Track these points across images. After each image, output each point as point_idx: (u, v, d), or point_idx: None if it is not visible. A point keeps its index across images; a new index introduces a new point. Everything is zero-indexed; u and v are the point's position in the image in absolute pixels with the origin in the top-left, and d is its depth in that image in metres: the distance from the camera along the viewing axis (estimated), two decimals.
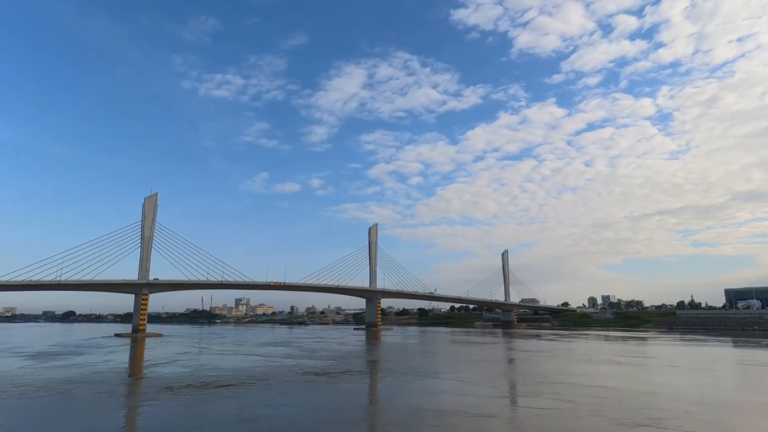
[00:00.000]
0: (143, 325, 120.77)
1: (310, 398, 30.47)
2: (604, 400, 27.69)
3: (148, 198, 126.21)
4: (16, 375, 40.87)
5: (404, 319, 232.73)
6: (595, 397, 28.71)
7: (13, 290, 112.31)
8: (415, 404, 27.38)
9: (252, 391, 33.06)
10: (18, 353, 64.49)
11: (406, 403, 27.91)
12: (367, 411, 26.99)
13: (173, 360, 55.93)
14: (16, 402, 28.28)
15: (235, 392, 32.20)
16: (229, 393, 31.90)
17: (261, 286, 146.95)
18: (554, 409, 25.23)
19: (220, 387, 34.53)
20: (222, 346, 79.93)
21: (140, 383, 37.25)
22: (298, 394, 31.78)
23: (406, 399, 29.33)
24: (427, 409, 25.92)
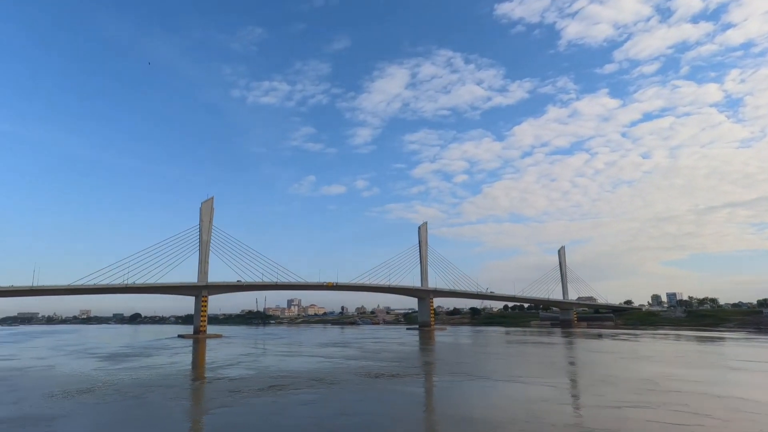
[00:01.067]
0: (204, 326, 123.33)
1: (388, 405, 28.10)
2: (760, 417, 23.57)
3: (205, 202, 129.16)
4: (92, 377, 41.07)
5: (456, 319, 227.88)
6: (742, 412, 24.52)
7: (87, 294, 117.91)
8: (520, 415, 24.38)
9: (324, 395, 31.09)
10: (94, 354, 66.34)
11: (511, 414, 24.96)
12: (469, 425, 24.25)
13: (237, 362, 55.40)
14: (94, 407, 27.58)
15: (307, 397, 30.35)
16: (300, 398, 30.07)
17: (314, 287, 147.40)
18: (698, 426, 21.48)
19: (290, 390, 32.85)
20: (281, 347, 79.50)
21: (209, 387, 36.22)
22: (374, 401, 29.51)
23: (507, 408, 26.37)
24: (544, 422, 22.85)
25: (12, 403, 28.84)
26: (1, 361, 57.99)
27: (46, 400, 29.73)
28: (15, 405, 28.03)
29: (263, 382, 37.51)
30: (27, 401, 29.31)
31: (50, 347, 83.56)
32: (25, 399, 30.01)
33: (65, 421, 23.87)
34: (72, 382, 38.01)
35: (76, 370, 46.24)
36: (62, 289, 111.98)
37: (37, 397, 30.60)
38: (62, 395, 31.41)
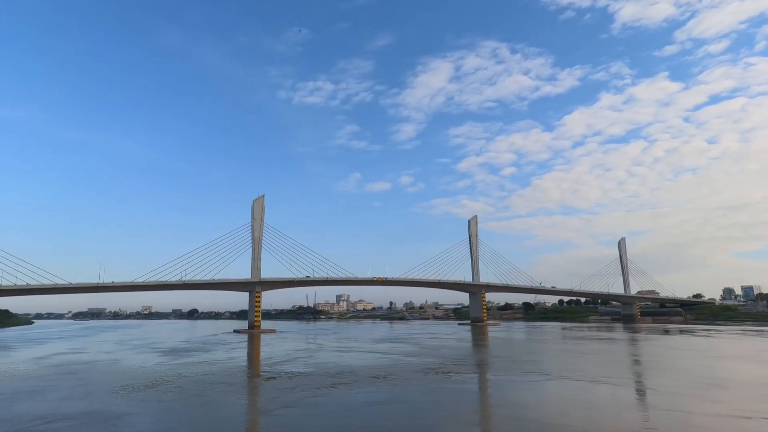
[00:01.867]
0: (258, 321, 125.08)
1: (460, 406, 25.41)
2: None
3: (256, 200, 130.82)
4: (154, 372, 40.85)
5: (508, 314, 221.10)
6: None
7: (147, 290, 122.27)
8: (629, 425, 21.07)
9: (390, 395, 28.76)
10: (155, 349, 67.57)
11: (621, 421, 21.69)
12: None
13: (293, 358, 54.36)
14: (157, 405, 26.59)
15: (373, 396, 28.14)
16: (366, 397, 27.89)
17: (364, 282, 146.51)
18: None
19: (353, 388, 30.80)
20: (336, 343, 78.35)
21: (269, 385, 34.80)
22: (445, 403, 26.87)
23: (608, 414, 23.06)
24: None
25: (80, 398, 28.39)
26: (72, 354, 59.84)
27: (112, 395, 29.14)
28: (82, 400, 27.51)
29: (324, 380, 35.76)
30: (94, 396, 28.81)
31: (115, 341, 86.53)
32: (92, 394, 29.57)
33: (130, 420, 22.79)
34: (136, 377, 37.76)
35: (140, 365, 46.46)
36: (125, 286, 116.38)
37: (103, 393, 30.13)
38: (127, 391, 30.82)
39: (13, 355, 58.89)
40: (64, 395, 29.17)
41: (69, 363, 48.78)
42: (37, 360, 52.36)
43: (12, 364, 49.04)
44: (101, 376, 38.12)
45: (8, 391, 31.33)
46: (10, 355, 59.77)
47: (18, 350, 67.32)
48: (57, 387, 32.45)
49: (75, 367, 44.42)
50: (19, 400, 27.54)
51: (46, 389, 31.36)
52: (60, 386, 32.80)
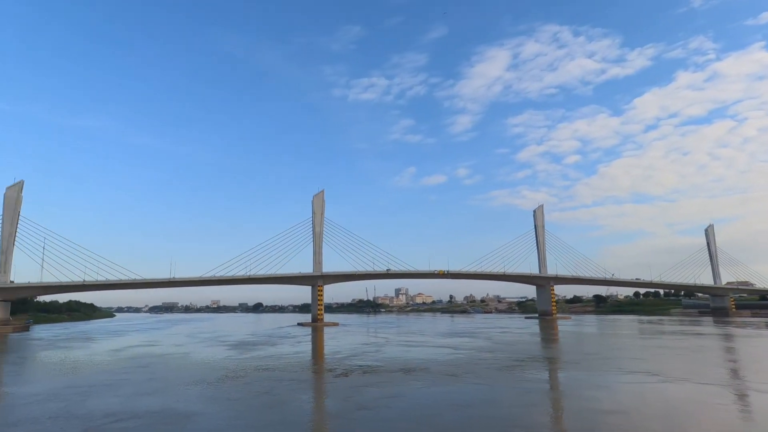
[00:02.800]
0: (321, 314, 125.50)
1: (566, 414, 21.58)
2: None
3: (316, 195, 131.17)
4: (223, 367, 40.02)
5: (577, 307, 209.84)
6: None
7: (215, 285, 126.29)
8: None
9: (476, 396, 25.43)
10: (223, 342, 68.17)
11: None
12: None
13: (361, 352, 52.29)
14: (226, 404, 24.90)
15: (456, 397, 24.92)
16: (449, 397, 24.72)
17: (425, 275, 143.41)
18: None
19: (432, 387, 27.70)
20: (401, 336, 75.80)
21: (341, 382, 32.55)
22: (545, 408, 23.17)
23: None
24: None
25: (150, 393, 27.39)
26: (145, 346, 61.32)
27: (182, 392, 27.94)
28: (153, 396, 26.40)
29: (398, 377, 33.06)
30: (164, 392, 27.72)
31: (186, 334, 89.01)
32: (162, 390, 28.53)
33: (199, 421, 21.11)
34: (205, 372, 36.92)
35: (209, 359, 46.09)
36: (194, 280, 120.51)
37: (173, 388, 29.07)
38: (196, 387, 29.63)
39: (94, 347, 61.21)
40: (135, 390, 28.32)
41: (142, 356, 49.41)
42: (113, 352, 53.74)
43: (92, 355, 50.48)
44: (172, 371, 37.62)
45: (85, 383, 31.11)
46: (91, 346, 62.20)
47: (99, 342, 70.32)
48: (129, 381, 31.93)
49: (148, 360, 44.65)
50: (92, 394, 26.89)
51: (119, 383, 30.83)
52: (132, 380, 32.28)
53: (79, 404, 24.45)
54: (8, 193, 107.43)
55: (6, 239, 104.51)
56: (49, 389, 28.82)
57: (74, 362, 44.34)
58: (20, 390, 28.80)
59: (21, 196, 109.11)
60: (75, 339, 76.72)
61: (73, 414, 22.26)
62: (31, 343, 69.53)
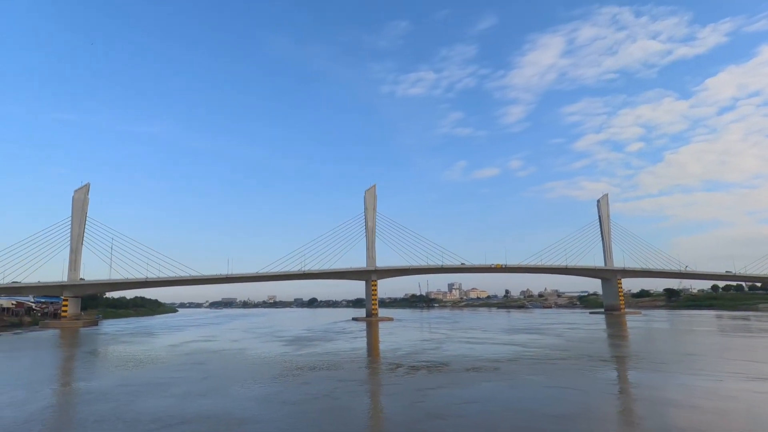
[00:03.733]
0: (375, 309, 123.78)
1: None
2: None
3: (368, 190, 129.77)
4: (279, 365, 37.86)
5: (646, 302, 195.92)
6: None
7: (270, 280, 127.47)
8: None
9: (571, 404, 21.30)
10: (279, 337, 66.96)
11: None
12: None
13: (421, 348, 48.94)
14: (282, 408, 22.20)
15: (545, 406, 20.92)
16: (536, 405, 20.75)
17: (481, 269, 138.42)
18: None
19: (509, 388, 23.81)
20: (461, 332, 71.68)
21: (405, 382, 29.20)
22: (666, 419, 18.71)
23: None
24: None
25: (202, 394, 25.27)
26: (203, 341, 60.94)
27: (236, 393, 25.66)
28: (205, 398, 24.22)
29: (469, 378, 29.32)
30: (217, 393, 25.52)
31: (243, 329, 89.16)
32: (215, 391, 26.38)
33: (252, 428, 18.45)
34: (261, 370, 34.86)
35: (265, 355, 44.27)
36: (250, 276, 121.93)
37: (227, 389, 26.87)
38: (252, 387, 27.35)
39: (153, 342, 61.53)
40: (187, 390, 26.34)
41: (199, 351, 48.47)
42: (171, 347, 53.36)
43: (150, 350, 50.19)
44: (227, 368, 35.80)
45: (138, 381, 29.64)
46: (151, 341, 62.61)
47: (159, 337, 71.11)
48: (182, 379, 30.19)
49: (203, 357, 43.40)
50: (143, 395, 25.11)
51: (172, 382, 29.09)
52: (186, 378, 30.54)
53: (128, 405, 22.60)
54: (76, 195, 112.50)
55: (75, 239, 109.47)
56: (101, 387, 27.46)
57: (131, 358, 43.84)
58: (72, 388, 27.62)
59: (87, 198, 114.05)
60: (137, 334, 78.36)
61: (120, 417, 20.30)
62: (97, 337, 71.37)
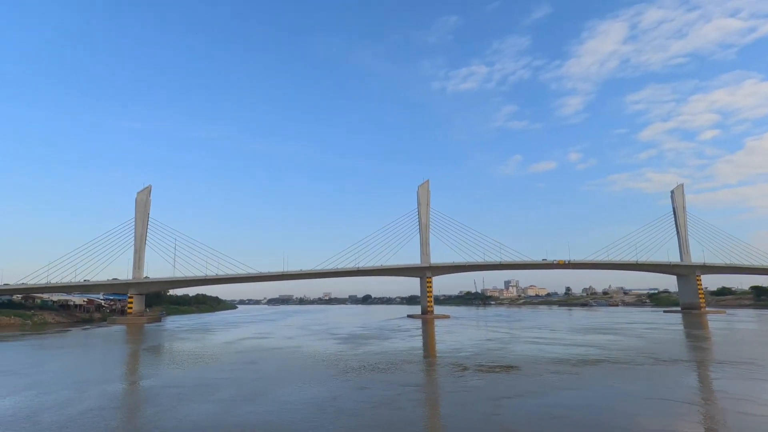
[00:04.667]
0: (431, 306, 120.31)
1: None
2: None
3: (421, 186, 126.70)
4: (335, 365, 35.28)
5: (729, 300, 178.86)
6: None
7: (325, 277, 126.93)
8: None
9: (684, 420, 16.95)
10: (334, 335, 65.04)
11: None
12: None
13: (485, 349, 45.00)
14: (339, 418, 19.25)
15: (657, 424, 16.73)
16: (646, 423, 16.61)
17: (542, 266, 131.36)
18: None
19: (599, 397, 19.61)
20: (526, 332, 66.66)
21: (476, 388, 25.59)
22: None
23: None
24: None
25: (250, 398, 22.97)
26: (257, 339, 60.00)
27: (287, 398, 23.18)
28: (252, 403, 21.86)
29: (546, 384, 25.23)
30: (266, 399, 23.15)
31: (299, 326, 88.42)
32: (264, 395, 24.05)
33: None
34: (315, 371, 32.39)
35: (319, 354, 41.99)
36: (305, 273, 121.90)
37: (277, 392, 24.50)
38: (304, 391, 24.77)
39: (209, 339, 61.32)
40: (235, 393, 24.16)
41: (252, 349, 47.11)
42: (225, 345, 52.53)
43: (204, 347, 49.46)
44: (279, 369, 33.65)
45: (186, 382, 27.96)
46: (207, 338, 62.49)
47: (215, 333, 71.28)
48: (232, 380, 28.18)
49: (256, 355, 41.71)
50: (189, 398, 23.15)
51: (221, 383, 27.08)
52: (236, 380, 28.53)
53: (171, 411, 20.60)
54: (139, 197, 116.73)
55: (138, 239, 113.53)
56: (149, 388, 25.94)
57: (186, 355, 42.99)
58: (119, 387, 26.24)
59: (150, 199, 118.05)
60: (195, 330, 79.30)
61: (159, 425, 18.19)
62: (158, 333, 72.57)
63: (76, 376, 29.86)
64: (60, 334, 68.95)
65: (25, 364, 35.13)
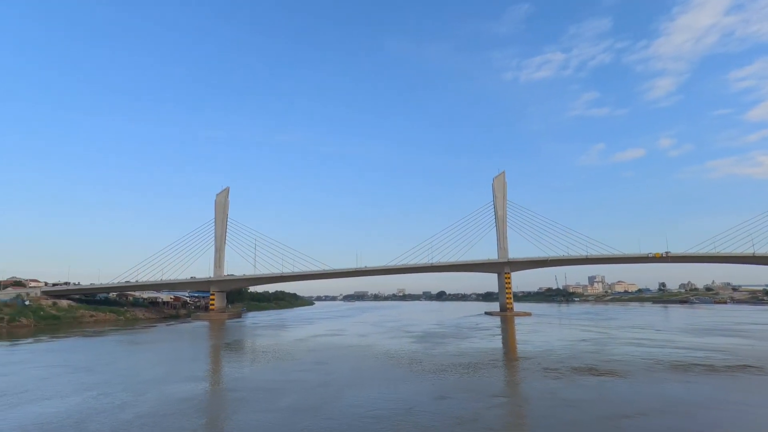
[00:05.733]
0: (510, 303, 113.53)
1: None
2: None
3: (497, 177, 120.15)
4: (409, 367, 31.71)
5: None
6: None
7: (398, 273, 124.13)
8: None
9: None
10: (408, 332, 61.73)
11: None
12: None
13: (578, 351, 39.38)
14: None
15: None
16: None
17: (636, 259, 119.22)
18: None
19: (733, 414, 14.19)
20: (622, 331, 59.10)
21: (577, 403, 20.72)
22: None
23: None
24: None
25: (312, 408, 20.03)
26: (330, 336, 58.10)
27: (354, 409, 19.99)
28: (313, 416, 18.85)
29: (677, 399, 19.77)
30: (330, 409, 20.10)
31: (372, 323, 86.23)
32: (329, 404, 21.03)
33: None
34: (388, 375, 28.99)
35: (393, 355, 38.61)
36: (379, 269, 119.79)
37: (344, 402, 21.42)
38: (375, 401, 21.41)
39: (282, 335, 60.42)
40: (297, 401, 21.32)
41: (323, 348, 44.88)
42: (297, 342, 50.94)
43: (276, 345, 48.13)
44: (349, 371, 30.65)
45: (248, 385, 25.71)
46: (280, 335, 61.71)
47: (289, 330, 70.70)
48: (297, 384, 25.51)
49: (327, 355, 39.16)
50: (246, 405, 20.66)
51: (284, 387, 24.45)
52: (301, 383, 25.84)
53: (223, 421, 18.20)
54: (218, 199, 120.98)
55: (218, 239, 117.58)
56: (208, 392, 23.95)
57: (255, 354, 41.56)
58: (178, 390, 24.49)
59: (228, 200, 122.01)
60: (271, 326, 79.61)
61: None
62: (235, 329, 73.31)
63: (142, 375, 28.84)
64: (146, 329, 71.86)
65: (101, 361, 35.18)
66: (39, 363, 34.59)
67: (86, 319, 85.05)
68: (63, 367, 32.28)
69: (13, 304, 75.78)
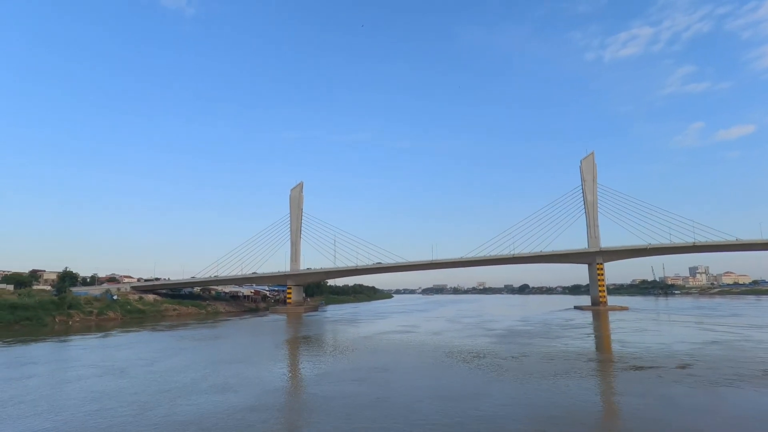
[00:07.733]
0: (603, 297, 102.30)
1: None
2: None
3: (585, 159, 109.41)
4: (489, 375, 25.81)
5: None
6: None
7: (477, 265, 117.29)
8: None
9: None
10: (488, 329, 55.48)
11: None
12: None
13: (702, 354, 31.50)
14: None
15: None
16: None
17: (758, 246, 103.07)
18: None
19: None
20: (747, 330, 48.32)
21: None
22: None
23: None
24: None
25: (363, 428, 15.06)
26: (400, 333, 53.29)
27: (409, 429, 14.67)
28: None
29: None
30: (380, 424, 15.00)
31: (448, 318, 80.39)
32: (379, 420, 15.91)
33: None
34: (459, 388, 23.37)
35: (469, 357, 32.81)
36: (455, 261, 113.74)
37: (399, 419, 16.14)
38: (438, 425, 16.00)
39: (350, 331, 56.55)
40: (343, 424, 16.46)
41: (390, 348, 40.03)
42: (363, 339, 46.64)
43: (339, 344, 44.25)
44: (413, 380, 25.44)
45: (281, 401, 21.51)
46: (348, 331, 58.03)
47: (359, 325, 66.99)
48: (348, 398, 20.69)
49: (392, 358, 33.98)
50: (292, 420, 16.20)
51: (327, 407, 19.29)
52: (353, 397, 21.00)
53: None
54: (292, 194, 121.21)
55: (294, 233, 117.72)
56: (233, 406, 19.79)
57: (312, 355, 37.44)
58: (220, 399, 20.79)
59: (302, 195, 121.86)
60: (342, 321, 76.64)
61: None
62: (306, 324, 70.73)
63: (176, 379, 25.54)
64: (220, 323, 71.77)
65: (143, 360, 32.61)
66: (74, 362, 33.18)
67: (170, 313, 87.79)
68: (93, 367, 30.35)
69: (102, 299, 79.69)
